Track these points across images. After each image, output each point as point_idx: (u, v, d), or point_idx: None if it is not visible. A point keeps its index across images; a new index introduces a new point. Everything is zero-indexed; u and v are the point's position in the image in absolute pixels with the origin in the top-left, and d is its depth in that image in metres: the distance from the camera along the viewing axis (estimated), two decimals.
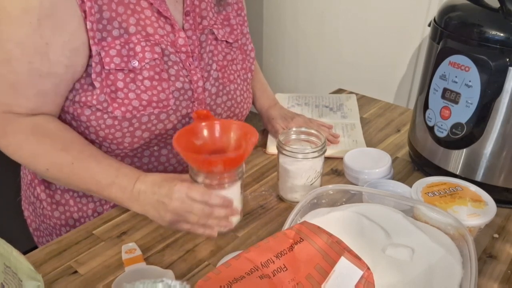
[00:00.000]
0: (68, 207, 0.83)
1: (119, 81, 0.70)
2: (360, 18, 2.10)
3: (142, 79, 0.71)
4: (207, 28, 0.79)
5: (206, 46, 0.79)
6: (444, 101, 0.76)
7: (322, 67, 2.37)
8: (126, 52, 0.69)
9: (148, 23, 0.71)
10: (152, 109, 0.72)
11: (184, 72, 0.75)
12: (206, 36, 0.79)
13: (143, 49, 0.70)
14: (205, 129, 0.69)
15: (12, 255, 0.50)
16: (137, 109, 0.71)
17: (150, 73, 0.71)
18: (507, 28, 0.67)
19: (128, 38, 0.69)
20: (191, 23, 0.76)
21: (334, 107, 1.12)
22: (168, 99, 0.73)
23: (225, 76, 0.82)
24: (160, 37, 0.72)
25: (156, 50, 0.71)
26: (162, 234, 0.71)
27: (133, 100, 0.71)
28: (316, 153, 0.72)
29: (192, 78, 0.76)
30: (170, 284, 0.45)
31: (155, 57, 0.71)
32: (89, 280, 0.62)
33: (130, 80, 0.70)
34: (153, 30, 0.71)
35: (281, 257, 0.55)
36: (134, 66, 0.70)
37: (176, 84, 0.74)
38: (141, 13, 0.70)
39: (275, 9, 2.43)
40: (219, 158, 0.62)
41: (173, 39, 0.74)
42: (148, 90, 0.71)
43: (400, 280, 0.53)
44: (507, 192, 0.76)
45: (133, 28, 0.70)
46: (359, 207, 0.64)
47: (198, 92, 0.77)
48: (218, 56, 0.81)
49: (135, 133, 0.73)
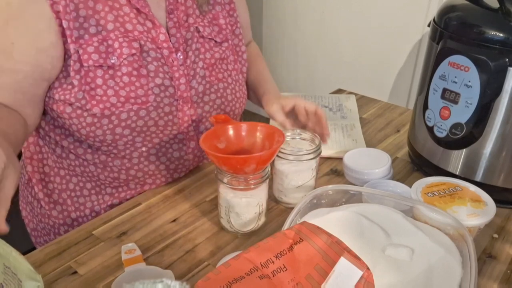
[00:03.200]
0: (66, 206, 0.83)
1: (98, 78, 0.70)
2: (360, 18, 2.10)
3: (121, 75, 0.71)
4: (192, 26, 0.79)
5: (192, 44, 0.79)
6: (444, 101, 0.76)
7: (322, 67, 2.37)
8: (104, 49, 0.70)
9: (127, 19, 0.72)
10: (131, 106, 0.72)
11: (165, 68, 0.75)
12: (192, 34, 0.79)
13: (121, 45, 0.71)
14: (227, 132, 0.70)
15: (12, 256, 0.49)
16: (115, 105, 0.71)
17: (128, 69, 0.72)
18: (506, 28, 0.67)
19: (106, 35, 0.70)
20: (175, 21, 0.76)
21: (334, 107, 1.12)
22: (147, 95, 0.73)
23: (212, 75, 0.82)
24: (139, 33, 0.72)
25: (134, 45, 0.72)
26: (162, 235, 0.71)
27: (111, 97, 0.71)
28: (311, 154, 0.72)
29: (174, 75, 0.76)
30: (170, 284, 0.45)
31: (133, 53, 0.71)
32: (88, 281, 0.62)
33: (109, 76, 0.71)
34: (132, 27, 0.72)
35: (280, 257, 0.55)
36: (113, 63, 0.70)
37: (155, 80, 0.74)
38: (120, 10, 0.71)
39: (275, 9, 2.43)
40: (252, 157, 0.63)
41: (154, 35, 0.74)
42: (126, 86, 0.72)
43: (399, 280, 0.53)
44: (506, 192, 0.76)
45: (111, 25, 0.70)
46: (358, 207, 0.64)
47: (182, 90, 0.77)
48: (205, 54, 0.81)
49: (115, 130, 0.73)
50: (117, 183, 0.82)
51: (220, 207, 0.70)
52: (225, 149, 0.69)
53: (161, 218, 0.74)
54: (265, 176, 0.67)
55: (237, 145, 0.70)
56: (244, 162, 0.62)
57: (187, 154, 0.84)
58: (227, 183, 0.66)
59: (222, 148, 0.69)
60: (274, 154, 0.66)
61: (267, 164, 0.66)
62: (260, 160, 0.63)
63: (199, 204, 0.78)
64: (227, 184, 0.66)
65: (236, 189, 0.66)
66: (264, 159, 0.64)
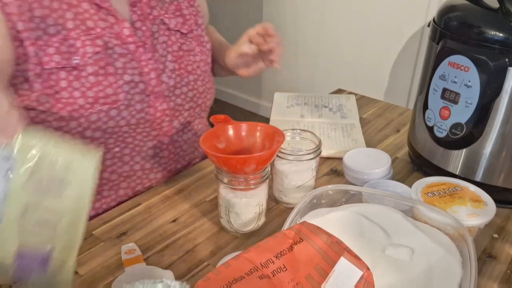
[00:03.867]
0: None
1: (62, 80, 0.68)
2: (360, 18, 2.10)
3: (86, 76, 0.69)
4: (157, 18, 0.77)
5: (159, 37, 0.77)
6: (444, 101, 0.76)
7: (322, 67, 2.37)
8: (66, 49, 0.67)
9: (87, 16, 0.69)
10: (100, 106, 0.70)
11: (134, 64, 0.73)
12: (158, 27, 0.77)
13: (84, 44, 0.68)
14: (226, 132, 0.70)
15: (51, 145, 0.47)
16: (84, 107, 0.69)
17: (94, 68, 0.69)
18: (506, 28, 0.67)
19: (66, 34, 0.67)
20: (139, 13, 0.74)
21: (334, 107, 1.12)
22: (116, 94, 0.71)
23: (182, 67, 0.80)
24: (101, 30, 0.70)
25: (98, 43, 0.69)
26: (162, 235, 0.71)
27: (78, 99, 0.68)
28: (311, 154, 0.72)
29: (143, 70, 0.74)
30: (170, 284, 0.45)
31: (98, 51, 0.69)
32: (89, 281, 0.62)
33: (74, 78, 0.68)
34: (94, 24, 0.69)
35: (280, 257, 0.55)
36: (77, 63, 0.68)
37: (124, 77, 0.72)
38: (78, 7, 0.68)
39: (275, 9, 2.43)
40: (252, 157, 0.63)
41: (117, 30, 0.72)
42: (94, 86, 0.69)
43: (399, 280, 0.53)
44: (506, 192, 0.76)
45: (71, 23, 0.67)
46: (358, 207, 0.64)
47: (152, 85, 0.75)
48: (172, 47, 0.79)
49: (85, 133, 0.71)
50: None
51: (220, 207, 0.70)
52: (225, 149, 0.69)
53: (161, 218, 0.74)
54: (265, 176, 0.67)
55: (237, 145, 0.70)
56: (244, 162, 0.62)
57: (162, 151, 0.82)
58: (227, 183, 0.66)
59: (222, 148, 0.69)
60: (274, 154, 0.66)
61: (267, 164, 0.66)
62: (260, 160, 0.63)
63: (199, 204, 0.78)
64: (227, 184, 0.66)
65: (236, 189, 0.66)
66: (264, 159, 0.64)
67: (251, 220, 0.69)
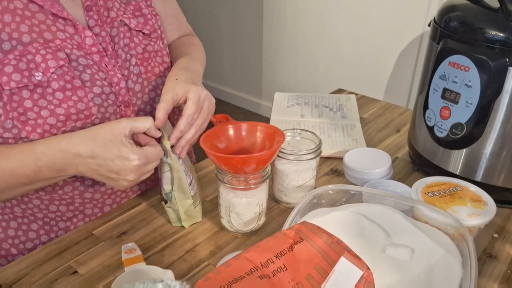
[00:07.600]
0: (11, 257, 0.75)
1: (25, 100, 0.61)
2: (360, 18, 2.10)
3: (52, 92, 0.63)
4: (116, 20, 0.70)
5: (120, 41, 0.70)
6: (444, 101, 0.76)
7: (322, 67, 2.37)
8: (25, 66, 0.61)
9: (43, 28, 0.63)
10: (74, 123, 0.65)
11: (101, 75, 0.67)
12: (117, 30, 0.70)
13: (44, 58, 0.61)
14: (227, 132, 0.70)
15: None
16: (56, 126, 0.63)
17: (60, 83, 0.63)
18: (507, 28, 0.67)
19: (23, 49, 0.61)
20: (96, 18, 0.68)
21: (334, 107, 1.12)
22: (89, 108, 0.66)
23: (148, 70, 0.74)
24: (61, 41, 0.64)
25: (60, 56, 0.63)
26: (162, 234, 0.71)
27: (47, 118, 0.63)
28: (311, 154, 0.72)
29: (112, 80, 0.68)
30: (170, 284, 0.45)
31: (61, 64, 0.63)
32: (89, 280, 0.62)
33: (39, 96, 0.62)
34: (52, 35, 0.63)
35: (281, 257, 0.55)
36: (39, 80, 0.61)
37: (94, 90, 0.66)
38: (33, 19, 0.62)
39: (275, 9, 2.43)
40: (252, 157, 0.63)
41: (79, 41, 0.66)
42: (63, 102, 0.63)
43: (400, 280, 0.53)
44: (507, 192, 0.76)
45: (27, 37, 0.61)
46: (359, 207, 0.64)
47: (123, 94, 0.70)
48: (136, 49, 0.73)
49: None
50: (71, 213, 0.74)
51: (220, 207, 0.70)
52: (225, 149, 0.69)
53: (161, 218, 0.74)
54: (265, 176, 0.67)
55: (237, 145, 0.70)
56: (244, 162, 0.62)
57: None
58: (227, 183, 0.66)
59: (222, 148, 0.69)
60: (274, 154, 0.66)
61: (267, 164, 0.66)
62: (260, 160, 0.63)
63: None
64: (228, 184, 0.66)
65: (237, 189, 0.66)
66: (264, 159, 0.64)
67: (251, 220, 0.69)
